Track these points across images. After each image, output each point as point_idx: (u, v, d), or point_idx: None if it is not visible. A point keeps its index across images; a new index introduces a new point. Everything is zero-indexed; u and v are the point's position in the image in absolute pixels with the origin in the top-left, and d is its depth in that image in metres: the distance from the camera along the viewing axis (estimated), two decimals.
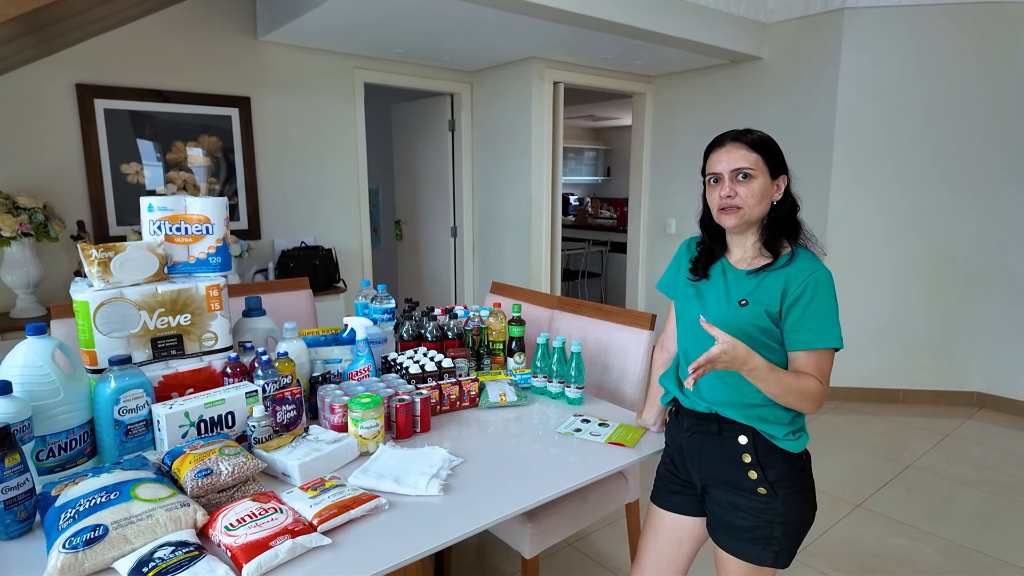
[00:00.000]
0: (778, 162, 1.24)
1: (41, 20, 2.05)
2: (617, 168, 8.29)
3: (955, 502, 2.64)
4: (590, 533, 2.37)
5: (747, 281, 1.24)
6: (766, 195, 1.22)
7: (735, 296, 1.24)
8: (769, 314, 1.19)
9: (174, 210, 1.54)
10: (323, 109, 3.81)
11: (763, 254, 1.25)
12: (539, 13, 2.89)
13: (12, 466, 1.03)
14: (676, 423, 1.37)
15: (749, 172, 1.20)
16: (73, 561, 0.93)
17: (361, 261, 4.13)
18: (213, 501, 1.14)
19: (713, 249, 1.33)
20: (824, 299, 1.17)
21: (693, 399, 1.30)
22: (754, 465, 1.20)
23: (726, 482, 1.25)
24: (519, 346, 1.93)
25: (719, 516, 1.26)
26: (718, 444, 1.25)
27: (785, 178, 1.25)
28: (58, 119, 2.98)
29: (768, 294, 1.20)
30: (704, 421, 1.28)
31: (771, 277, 1.21)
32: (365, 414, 1.40)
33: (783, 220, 1.25)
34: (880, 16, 3.48)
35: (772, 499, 1.19)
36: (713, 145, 1.28)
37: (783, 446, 1.20)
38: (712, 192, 1.26)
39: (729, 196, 1.22)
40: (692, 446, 1.31)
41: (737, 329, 1.18)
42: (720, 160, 1.24)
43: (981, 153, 3.52)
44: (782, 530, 1.20)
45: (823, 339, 1.16)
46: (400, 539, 1.08)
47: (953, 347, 3.75)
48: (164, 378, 1.43)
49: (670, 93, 4.57)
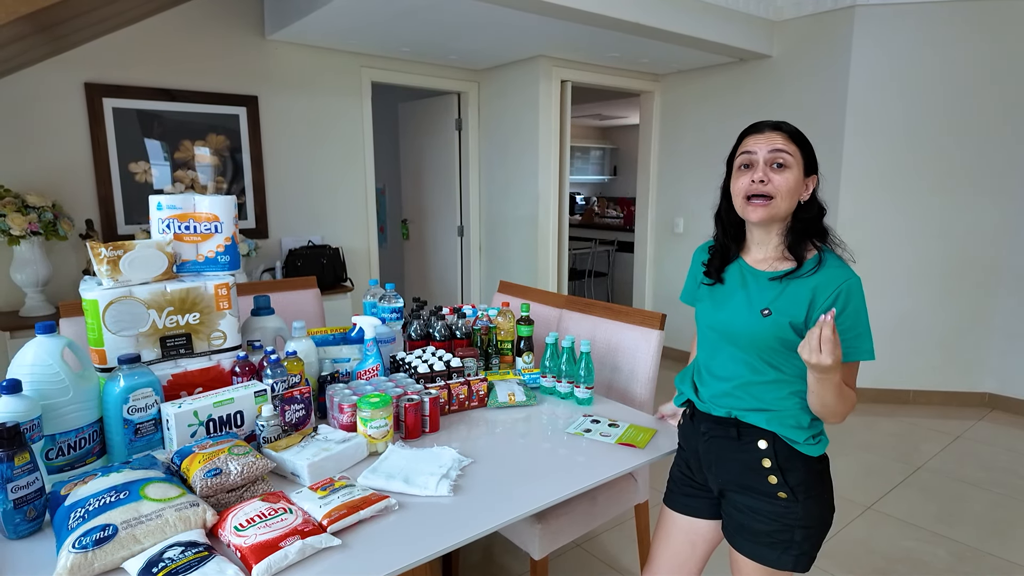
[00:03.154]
0: (812, 159, 1.19)
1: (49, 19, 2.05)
2: (624, 167, 8.27)
3: (966, 504, 2.61)
4: (599, 534, 2.36)
5: (770, 288, 1.17)
6: (797, 190, 1.16)
7: (757, 304, 1.17)
8: (793, 325, 1.13)
9: (183, 208, 1.54)
10: (330, 108, 3.81)
11: (786, 257, 1.19)
12: (547, 11, 2.88)
13: (22, 465, 1.03)
14: (691, 426, 1.34)
15: (785, 160, 1.14)
16: (83, 561, 0.93)
17: (368, 260, 4.13)
18: (222, 501, 1.14)
19: (728, 248, 1.27)
20: (857, 309, 1.12)
21: (709, 403, 1.27)
22: (774, 470, 1.17)
23: (745, 487, 1.21)
24: (528, 346, 1.91)
25: (738, 520, 1.23)
26: (737, 449, 1.22)
27: (816, 178, 1.20)
28: (67, 118, 2.99)
29: (792, 303, 1.14)
30: (722, 425, 1.24)
31: (796, 284, 1.15)
32: (374, 414, 1.39)
33: (810, 223, 1.19)
34: (891, 13, 3.45)
35: (792, 503, 1.17)
36: (750, 130, 1.21)
37: (803, 450, 1.17)
38: (741, 178, 1.18)
39: (763, 181, 1.14)
40: (710, 450, 1.27)
41: (759, 341, 1.15)
42: (758, 144, 1.16)
43: (994, 152, 3.49)
44: (802, 534, 1.18)
45: (857, 352, 1.11)
46: (410, 540, 1.07)
47: (965, 348, 3.71)
48: (173, 377, 1.43)
49: (678, 91, 4.55)
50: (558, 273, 4.37)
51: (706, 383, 1.29)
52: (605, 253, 6.61)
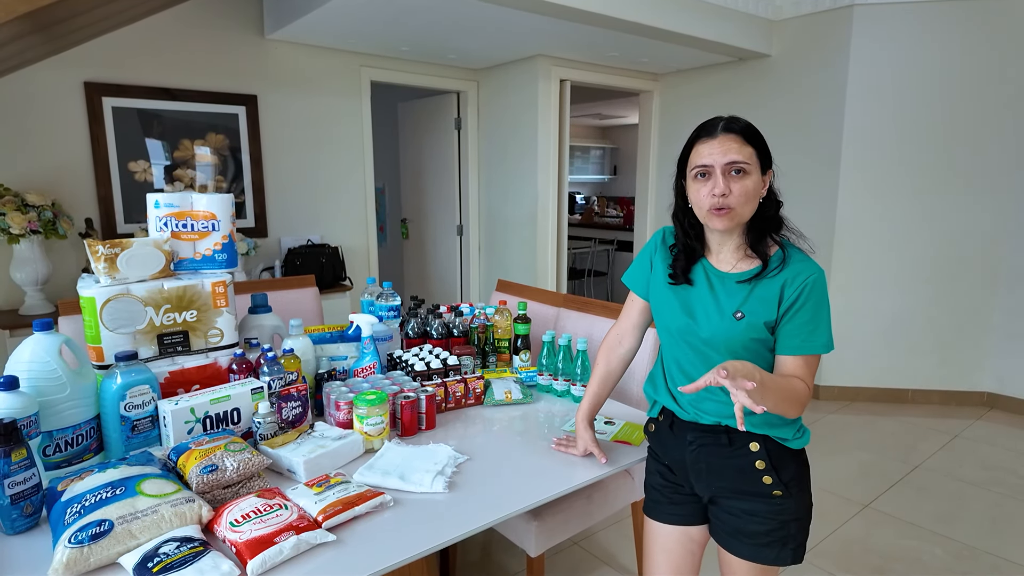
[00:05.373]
0: (767, 155, 1.13)
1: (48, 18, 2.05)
2: (624, 166, 8.27)
3: (964, 503, 2.61)
4: (596, 532, 2.36)
5: (738, 291, 1.15)
6: (757, 193, 1.12)
7: (728, 308, 1.15)
8: (766, 324, 1.12)
9: (180, 207, 1.54)
10: (330, 107, 3.81)
11: (749, 255, 1.16)
12: (547, 10, 2.88)
13: (19, 461, 1.04)
14: (673, 437, 1.27)
15: (744, 167, 1.09)
16: (79, 556, 0.93)
17: (367, 259, 4.13)
18: (218, 497, 1.14)
19: (694, 249, 1.22)
20: (819, 303, 1.11)
21: (695, 412, 1.22)
22: (768, 470, 1.15)
23: (739, 491, 1.19)
24: (525, 344, 1.92)
25: (733, 525, 1.21)
26: (728, 455, 1.19)
27: (771, 172, 1.15)
28: (66, 117, 3.00)
29: (763, 304, 1.12)
30: (711, 433, 1.20)
31: (763, 285, 1.13)
32: (370, 411, 1.40)
33: (769, 219, 1.15)
34: (890, 12, 3.45)
35: (787, 499, 1.17)
36: (702, 133, 1.13)
37: (792, 446, 1.17)
38: (699, 188, 1.12)
39: (724, 195, 1.09)
40: (698, 459, 1.22)
41: (736, 343, 1.14)
42: (712, 152, 1.10)
43: (993, 151, 3.49)
44: (796, 526, 1.19)
45: (816, 345, 1.11)
46: (405, 536, 1.08)
47: (963, 347, 3.71)
48: (170, 374, 1.43)
49: (677, 91, 4.55)
50: (557, 272, 4.38)
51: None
52: (605, 252, 6.62)
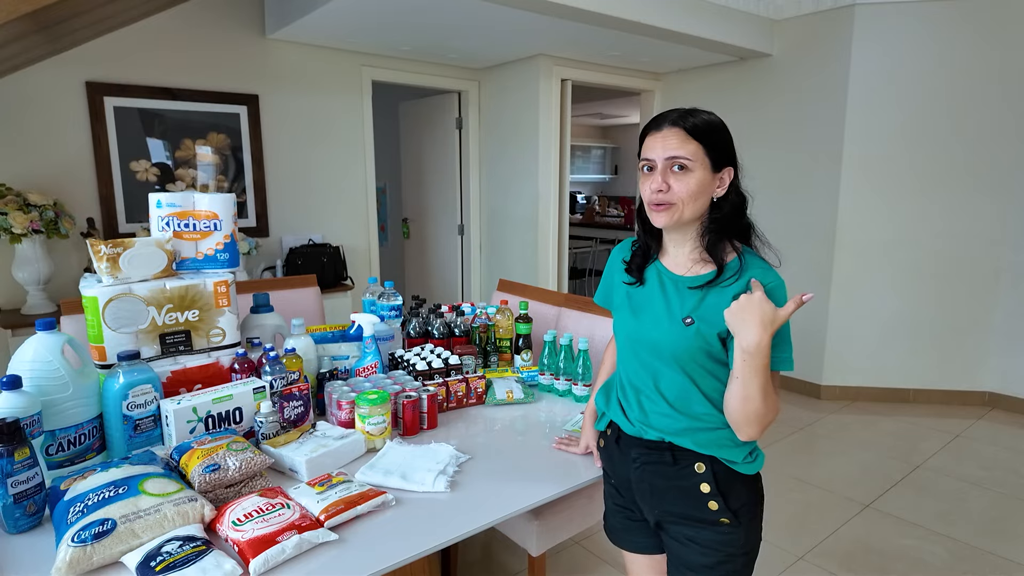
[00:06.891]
0: (722, 152, 1.07)
1: (50, 17, 2.06)
2: (625, 166, 8.27)
3: (966, 503, 2.61)
4: (597, 531, 2.36)
5: (690, 296, 1.08)
6: (704, 191, 1.05)
7: (678, 312, 1.08)
8: (720, 335, 1.05)
9: (182, 206, 1.55)
10: (331, 107, 3.81)
11: (704, 259, 1.09)
12: (548, 10, 2.88)
13: (22, 460, 1.04)
14: (619, 452, 1.19)
15: (685, 163, 1.04)
16: (82, 555, 0.94)
17: (368, 259, 4.13)
18: (221, 496, 1.15)
19: (648, 246, 1.17)
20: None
21: (640, 426, 1.14)
22: (714, 495, 1.06)
23: (683, 516, 1.10)
24: (526, 343, 1.92)
25: (675, 553, 1.14)
26: (672, 475, 1.10)
27: (731, 170, 1.08)
28: (68, 117, 3.00)
29: (715, 313, 1.04)
30: (655, 450, 1.12)
31: (716, 293, 1.05)
32: (372, 410, 1.40)
33: (726, 221, 1.08)
34: (891, 11, 3.45)
35: (735, 529, 1.08)
36: (650, 127, 1.09)
37: (742, 470, 1.08)
38: (644, 181, 1.08)
39: (660, 190, 1.05)
40: (642, 479, 1.14)
41: (683, 351, 1.06)
42: (654, 146, 1.06)
43: (994, 150, 3.48)
44: (743, 561, 1.10)
45: (775, 361, 1.01)
46: (407, 535, 1.08)
47: (965, 347, 3.71)
48: (172, 374, 1.44)
49: (679, 90, 4.55)
50: (558, 272, 4.38)
51: (632, 403, 1.16)
52: (606, 252, 6.62)
